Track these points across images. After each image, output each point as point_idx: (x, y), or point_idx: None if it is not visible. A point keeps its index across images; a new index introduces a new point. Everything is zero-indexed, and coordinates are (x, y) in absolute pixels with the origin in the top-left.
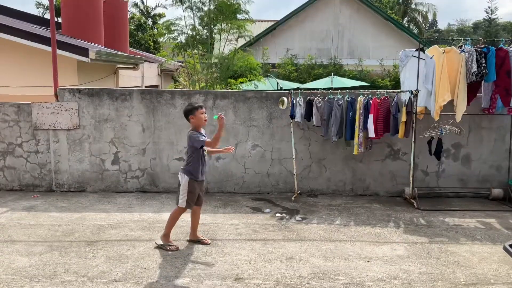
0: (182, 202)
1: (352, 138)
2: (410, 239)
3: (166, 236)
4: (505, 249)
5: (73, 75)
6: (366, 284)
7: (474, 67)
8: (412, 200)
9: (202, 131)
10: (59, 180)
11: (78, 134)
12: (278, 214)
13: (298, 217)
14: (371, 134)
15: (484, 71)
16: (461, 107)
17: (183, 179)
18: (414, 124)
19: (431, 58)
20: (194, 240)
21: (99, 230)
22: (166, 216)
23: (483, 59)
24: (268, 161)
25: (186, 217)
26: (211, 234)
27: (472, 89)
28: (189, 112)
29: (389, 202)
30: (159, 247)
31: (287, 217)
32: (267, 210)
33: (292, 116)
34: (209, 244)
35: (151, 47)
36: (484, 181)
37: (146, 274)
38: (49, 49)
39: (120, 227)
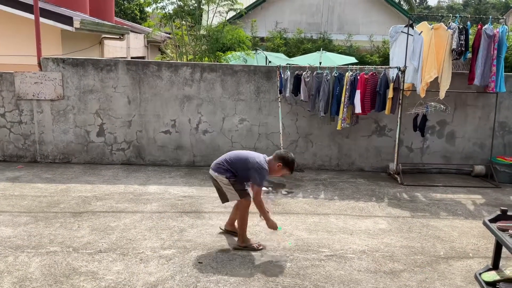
0: (237, 195)
1: (338, 113)
2: (393, 213)
3: (243, 237)
4: (485, 224)
5: (57, 45)
6: (348, 256)
7: (454, 44)
8: (396, 176)
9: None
10: (43, 151)
11: (62, 104)
12: (264, 188)
13: (283, 191)
14: (358, 110)
15: (462, 48)
16: (445, 84)
17: (223, 179)
18: (400, 101)
19: (419, 34)
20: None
21: (84, 202)
22: (152, 188)
23: (463, 36)
24: (255, 135)
25: (177, 191)
26: (197, 206)
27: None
28: (285, 163)
29: (374, 177)
30: (241, 249)
31: (273, 190)
32: None
33: (281, 91)
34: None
35: (137, 17)
36: (467, 158)
37: (132, 245)
38: (32, 17)
39: (106, 199)
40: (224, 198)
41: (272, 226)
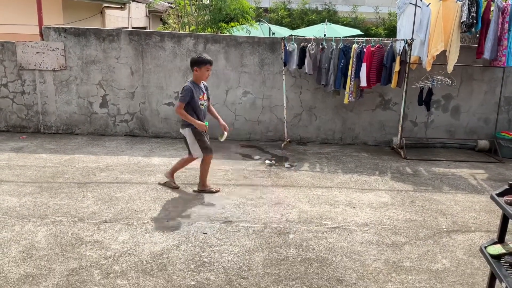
0: (196, 153)
1: (342, 86)
2: (396, 187)
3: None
4: (492, 198)
5: (58, 14)
6: (351, 228)
7: (464, 17)
8: (399, 150)
9: (202, 85)
10: (46, 122)
11: (64, 75)
12: (267, 161)
13: (287, 164)
14: (363, 83)
15: (472, 21)
16: (454, 57)
17: (186, 132)
18: (406, 74)
19: (427, 6)
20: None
21: (89, 173)
22: (156, 160)
23: (474, 8)
24: (259, 108)
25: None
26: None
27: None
28: (196, 63)
29: (377, 152)
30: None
31: (276, 164)
32: (257, 156)
33: (285, 63)
34: (218, 191)
35: None
36: (471, 132)
37: (137, 216)
38: None
39: (110, 170)
40: (189, 153)
41: (200, 126)
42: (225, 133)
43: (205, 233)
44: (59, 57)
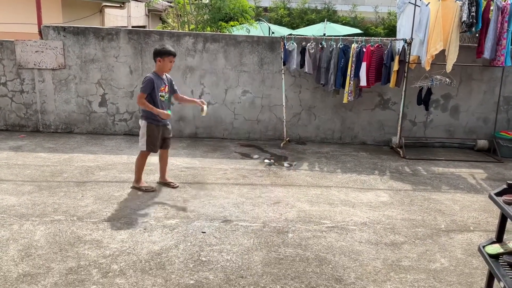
0: (142, 145)
1: (342, 86)
2: (395, 186)
3: (137, 181)
4: (490, 197)
5: (57, 13)
6: (349, 228)
7: (464, 16)
8: (398, 149)
9: (164, 76)
10: (45, 121)
11: (64, 74)
12: (266, 160)
13: (286, 164)
14: (363, 82)
15: (472, 20)
16: (452, 57)
17: (141, 123)
18: (406, 74)
19: (426, 5)
20: (163, 183)
21: (88, 172)
22: (154, 159)
23: (474, 8)
24: (258, 108)
25: (179, 162)
26: (200, 177)
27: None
28: (159, 54)
29: (376, 151)
30: (134, 188)
31: (275, 163)
32: (256, 156)
33: (284, 62)
34: (177, 187)
35: None
36: (470, 132)
37: (136, 215)
38: None
39: (109, 169)
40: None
41: (163, 114)
42: (205, 107)
43: (204, 232)
44: (58, 56)
